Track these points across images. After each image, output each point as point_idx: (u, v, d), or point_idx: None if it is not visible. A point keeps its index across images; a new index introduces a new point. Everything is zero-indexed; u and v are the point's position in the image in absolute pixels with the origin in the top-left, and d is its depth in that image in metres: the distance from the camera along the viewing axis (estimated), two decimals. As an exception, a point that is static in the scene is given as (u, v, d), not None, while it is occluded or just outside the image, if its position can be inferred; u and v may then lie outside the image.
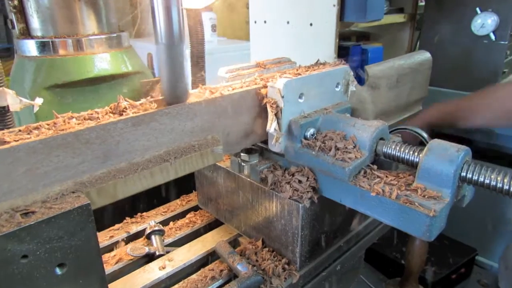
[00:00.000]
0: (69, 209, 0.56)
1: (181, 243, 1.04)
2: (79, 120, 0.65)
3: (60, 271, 0.57)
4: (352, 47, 2.13)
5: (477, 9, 1.93)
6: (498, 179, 0.69)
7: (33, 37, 1.28)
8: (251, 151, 0.96)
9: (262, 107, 0.87)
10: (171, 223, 1.12)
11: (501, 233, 2.14)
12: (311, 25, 1.87)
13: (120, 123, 0.65)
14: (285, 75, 0.88)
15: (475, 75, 2.02)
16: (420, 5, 2.37)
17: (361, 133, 0.82)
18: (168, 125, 0.71)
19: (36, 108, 1.00)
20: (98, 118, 0.66)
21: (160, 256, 0.97)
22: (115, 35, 1.38)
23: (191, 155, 0.74)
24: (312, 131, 0.87)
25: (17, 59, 1.33)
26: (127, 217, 1.14)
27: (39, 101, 0.99)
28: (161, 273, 0.90)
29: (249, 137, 0.89)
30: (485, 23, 1.92)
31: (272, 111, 0.83)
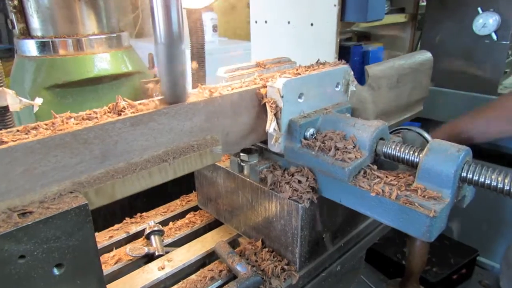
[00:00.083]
0: (67, 209, 0.56)
1: (180, 243, 1.04)
2: (77, 120, 0.65)
3: (57, 272, 0.57)
4: (353, 47, 2.13)
5: (479, 9, 1.92)
6: (498, 180, 0.69)
7: (33, 37, 1.29)
8: (250, 151, 0.96)
9: (261, 107, 0.87)
10: (171, 223, 1.12)
11: (503, 233, 2.14)
12: (312, 25, 1.87)
13: (118, 123, 0.65)
14: (285, 75, 0.88)
15: (476, 75, 2.02)
16: (421, 5, 2.37)
17: (361, 133, 0.82)
18: (166, 125, 0.71)
19: (36, 108, 1.00)
20: (96, 118, 0.66)
21: (159, 256, 0.97)
22: (115, 35, 1.38)
23: (190, 155, 0.74)
24: (311, 131, 0.86)
25: (17, 59, 1.33)
26: (126, 217, 1.14)
27: (39, 101, 0.99)
28: (160, 274, 0.90)
29: (249, 137, 0.89)
30: (486, 23, 1.91)
31: (271, 111, 0.83)
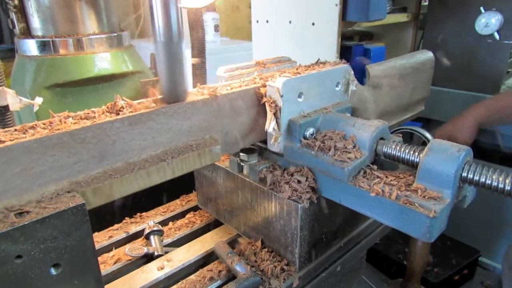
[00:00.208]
0: (64, 209, 0.55)
1: (180, 243, 1.03)
2: (75, 119, 0.65)
3: (55, 272, 0.57)
4: (354, 46, 2.12)
5: (481, 8, 1.91)
6: (499, 180, 0.68)
7: (33, 37, 1.29)
8: (250, 151, 0.95)
9: (261, 107, 0.86)
10: (170, 223, 1.12)
11: (505, 234, 2.12)
12: (313, 24, 1.86)
13: (116, 123, 0.65)
14: (284, 74, 0.88)
15: (478, 75, 2.01)
16: (423, 4, 2.36)
17: (361, 133, 0.81)
18: (165, 124, 0.71)
19: (36, 107, 1.00)
20: (94, 117, 0.65)
21: (158, 256, 0.97)
22: (115, 34, 1.38)
23: (189, 155, 0.74)
24: (311, 130, 0.86)
25: (17, 59, 1.33)
26: (126, 217, 1.13)
27: (39, 100, 0.99)
28: (160, 274, 0.90)
29: (248, 137, 0.88)
30: (489, 22, 1.90)
31: (271, 110, 0.83)
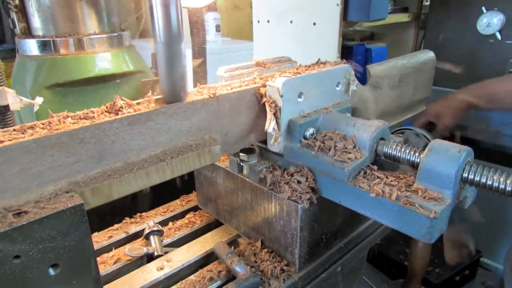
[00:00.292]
0: (62, 209, 0.55)
1: (180, 243, 1.03)
2: (74, 119, 0.65)
3: (53, 272, 0.57)
4: (355, 46, 2.12)
5: (483, 8, 1.90)
6: (500, 180, 0.68)
7: (34, 37, 1.28)
8: (250, 151, 0.95)
9: (261, 107, 0.86)
10: (170, 223, 1.12)
11: (506, 234, 2.12)
12: (314, 24, 1.86)
13: (115, 123, 0.65)
14: (285, 74, 0.87)
15: (480, 75, 1.99)
16: (425, 4, 2.35)
17: (361, 133, 0.81)
18: (164, 124, 0.71)
19: (36, 107, 1.00)
20: (93, 117, 0.65)
21: (158, 256, 0.97)
22: (116, 34, 1.37)
23: (188, 155, 0.74)
24: (311, 130, 0.86)
25: (18, 59, 1.33)
26: (126, 217, 1.13)
27: (39, 100, 0.99)
28: (159, 274, 0.90)
29: (248, 137, 0.88)
30: (491, 22, 1.89)
31: (270, 110, 0.82)
